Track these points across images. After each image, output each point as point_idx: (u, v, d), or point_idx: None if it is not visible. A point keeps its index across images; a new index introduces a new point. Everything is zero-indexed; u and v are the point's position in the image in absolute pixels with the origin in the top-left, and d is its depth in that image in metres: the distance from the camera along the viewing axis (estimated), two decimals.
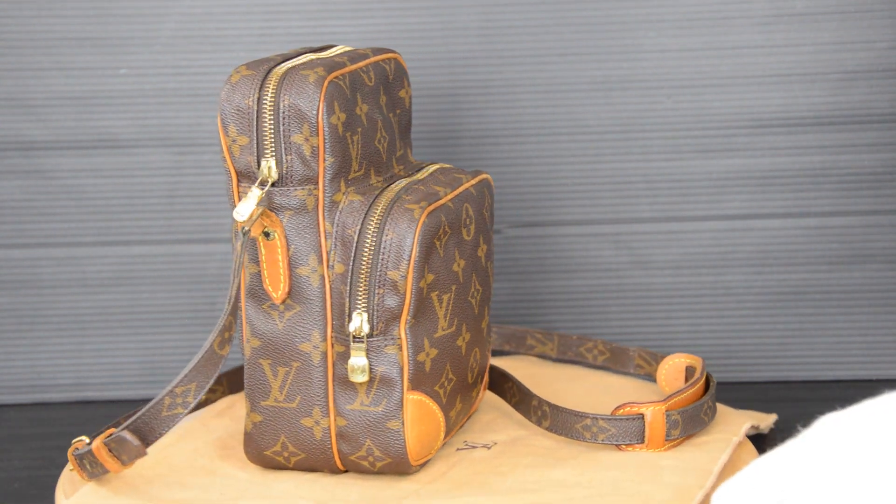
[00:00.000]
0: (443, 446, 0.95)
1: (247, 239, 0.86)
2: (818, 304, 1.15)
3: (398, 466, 0.89)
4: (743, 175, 1.14)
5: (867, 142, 1.13)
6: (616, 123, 1.14)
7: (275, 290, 0.88)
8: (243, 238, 0.86)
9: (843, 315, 1.15)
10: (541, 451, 0.94)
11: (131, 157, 1.15)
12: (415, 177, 0.93)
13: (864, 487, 0.68)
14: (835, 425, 0.72)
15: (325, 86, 0.86)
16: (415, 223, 0.87)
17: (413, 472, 0.91)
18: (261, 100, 0.86)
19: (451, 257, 0.90)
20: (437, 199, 0.89)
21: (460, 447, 0.96)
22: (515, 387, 1.00)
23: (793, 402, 1.11)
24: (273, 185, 0.87)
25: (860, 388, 1.14)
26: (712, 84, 1.13)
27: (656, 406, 0.93)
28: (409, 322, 0.87)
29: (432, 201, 0.89)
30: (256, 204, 0.86)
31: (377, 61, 0.93)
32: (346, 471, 0.91)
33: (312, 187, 0.87)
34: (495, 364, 1.05)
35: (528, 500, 0.86)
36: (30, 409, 1.16)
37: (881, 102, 1.13)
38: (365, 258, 0.87)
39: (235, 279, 0.85)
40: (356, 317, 0.87)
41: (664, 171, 1.14)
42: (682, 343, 1.16)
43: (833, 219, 1.14)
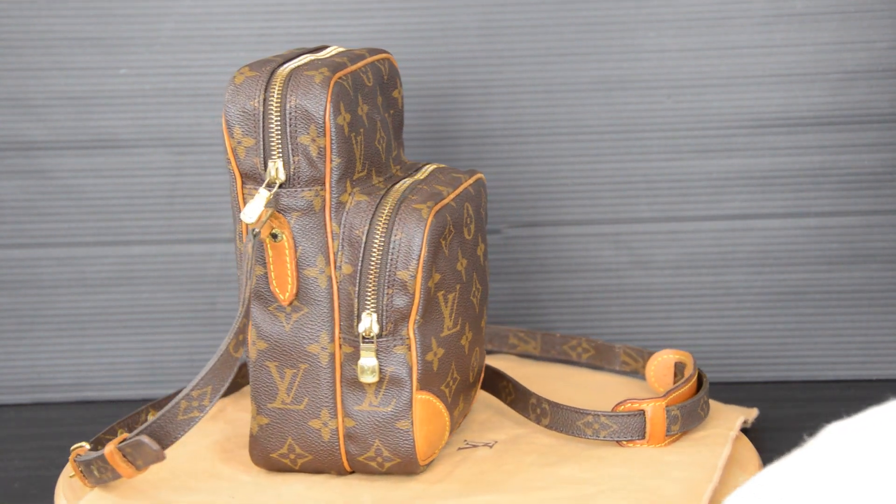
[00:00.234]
0: (444, 446, 0.95)
1: (257, 241, 0.86)
2: (818, 304, 1.15)
3: (407, 466, 0.89)
4: (743, 175, 1.14)
5: (867, 142, 1.13)
6: (616, 123, 1.14)
7: (282, 291, 0.88)
8: (254, 240, 0.85)
9: (843, 315, 1.15)
10: (542, 449, 0.95)
11: (131, 157, 1.15)
12: (416, 177, 0.93)
13: (872, 497, 0.68)
14: (841, 434, 0.72)
15: (331, 86, 0.86)
16: (423, 223, 0.87)
17: (420, 472, 0.91)
18: (267, 101, 0.86)
19: (455, 257, 0.90)
20: (441, 198, 0.89)
21: (461, 446, 0.96)
22: (511, 385, 1.00)
23: (793, 402, 1.11)
24: (280, 186, 0.87)
25: (860, 388, 1.14)
26: (712, 84, 1.13)
27: (657, 402, 0.93)
28: (417, 322, 0.87)
29: (438, 201, 0.89)
30: (265, 205, 0.85)
31: (373, 62, 0.93)
32: (353, 472, 0.91)
33: (319, 188, 0.87)
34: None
35: (540, 498, 0.86)
36: (30, 409, 1.16)
37: (881, 102, 1.13)
38: (374, 259, 0.87)
39: (248, 281, 0.85)
40: (365, 317, 0.87)
41: (664, 171, 1.14)
42: (682, 343, 1.16)
43: (833, 219, 1.14)
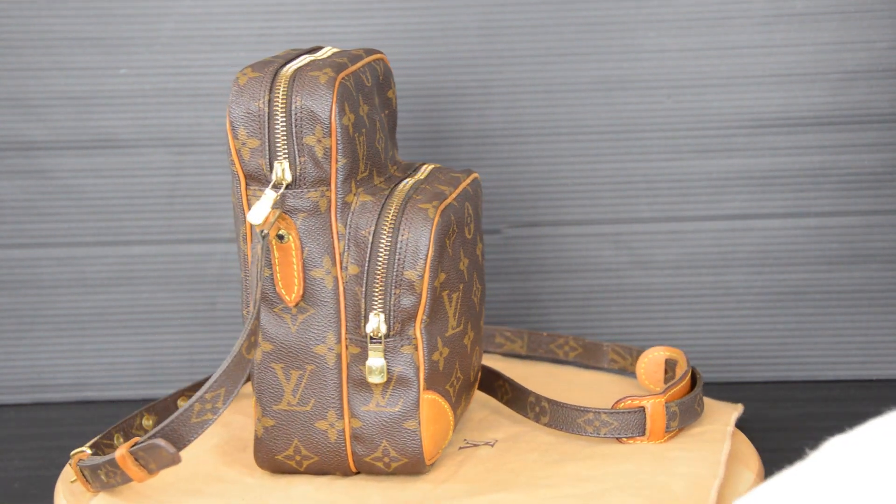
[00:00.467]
0: (447, 445, 0.95)
1: (265, 242, 0.85)
2: (818, 304, 1.15)
3: (413, 467, 0.89)
4: (743, 175, 1.14)
5: (867, 142, 1.13)
6: (616, 123, 1.14)
7: (288, 293, 0.88)
8: (262, 241, 0.85)
9: (843, 315, 1.15)
10: (543, 447, 0.95)
11: (131, 157, 1.15)
12: (417, 177, 0.93)
13: None
14: (842, 447, 0.72)
15: (336, 87, 0.86)
16: (429, 222, 0.87)
17: (425, 472, 0.91)
18: (272, 101, 0.86)
19: (458, 256, 0.90)
20: (445, 198, 0.89)
21: (462, 446, 0.96)
22: (507, 384, 1.00)
23: (793, 402, 1.11)
24: (287, 187, 0.87)
25: (860, 388, 1.14)
26: (712, 84, 1.13)
27: (656, 399, 0.94)
28: (424, 321, 0.87)
29: (442, 200, 0.89)
30: (272, 206, 0.85)
31: (370, 62, 0.93)
32: (358, 472, 0.91)
33: (325, 189, 0.87)
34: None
35: (548, 496, 0.86)
36: (30, 409, 1.16)
37: (881, 102, 1.13)
38: (381, 259, 0.87)
39: (260, 282, 0.84)
40: (373, 318, 0.87)
41: (664, 171, 1.14)
42: (682, 343, 1.16)
43: (833, 219, 1.14)
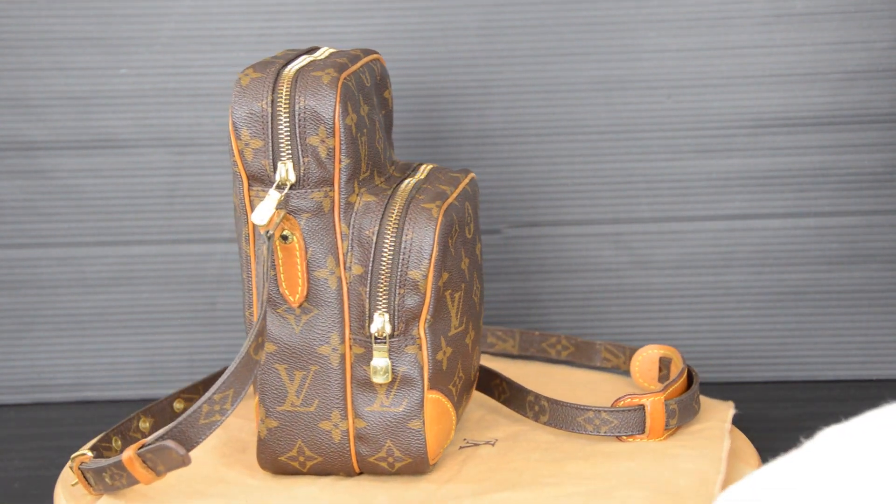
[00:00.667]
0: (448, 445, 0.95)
1: (271, 243, 0.85)
2: (818, 304, 1.15)
3: (417, 466, 0.89)
4: (743, 175, 1.14)
5: (867, 142, 1.13)
6: (616, 123, 1.14)
7: (292, 293, 0.87)
8: (268, 242, 0.85)
9: (843, 315, 1.15)
10: (544, 446, 0.95)
11: (131, 157, 1.15)
12: (417, 177, 0.93)
13: (867, 500, 0.68)
14: (837, 438, 0.72)
15: (339, 87, 0.86)
16: (433, 222, 0.87)
17: (428, 472, 0.91)
18: (275, 102, 0.86)
19: (459, 256, 0.90)
20: (446, 197, 0.89)
21: (462, 445, 0.96)
22: (505, 383, 1.00)
23: (793, 402, 1.11)
24: (291, 187, 0.86)
25: (860, 388, 1.14)
26: (712, 84, 1.13)
27: (656, 396, 0.94)
28: (428, 321, 0.87)
29: (444, 200, 0.89)
30: (276, 207, 0.85)
31: (368, 62, 0.93)
32: (361, 473, 0.91)
33: (328, 189, 0.87)
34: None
35: (555, 494, 0.86)
36: (30, 409, 1.16)
37: (881, 102, 1.13)
38: (385, 259, 0.87)
39: (266, 283, 0.84)
40: (378, 318, 0.87)
41: (664, 171, 1.14)
42: (682, 343, 1.16)
43: (833, 219, 1.14)
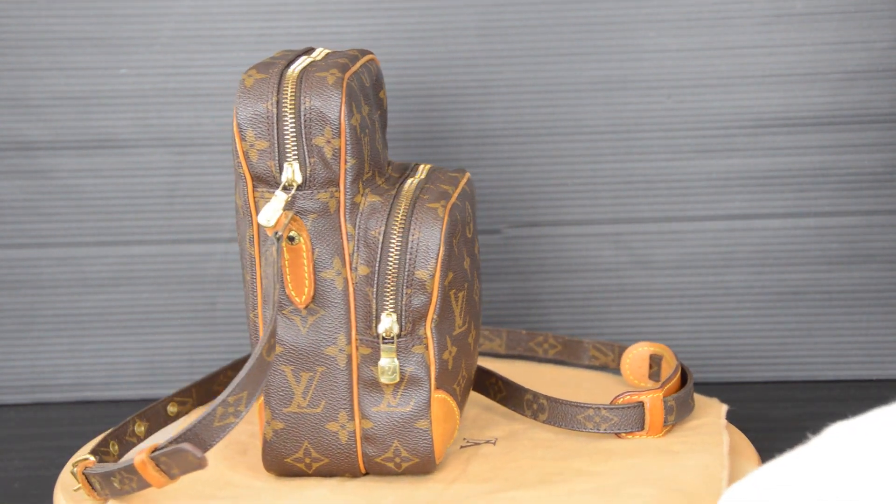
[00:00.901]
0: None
1: (280, 244, 0.84)
2: (818, 304, 1.15)
3: (424, 466, 0.89)
4: (743, 175, 1.14)
5: (867, 142, 1.13)
6: (616, 123, 1.14)
7: (298, 295, 0.87)
8: (277, 243, 0.84)
9: (843, 315, 1.15)
10: (545, 444, 0.94)
11: (131, 157, 1.15)
12: (418, 177, 0.93)
13: (873, 497, 0.68)
14: (845, 433, 0.72)
15: (344, 87, 0.86)
16: (440, 221, 0.87)
17: (434, 472, 0.91)
18: (280, 103, 0.86)
19: (462, 255, 0.90)
20: (449, 197, 0.89)
21: (463, 444, 0.95)
22: (501, 382, 1.00)
23: (793, 402, 1.11)
24: (297, 188, 0.86)
25: (860, 388, 1.14)
26: (712, 84, 1.13)
27: (654, 393, 0.94)
28: (434, 321, 0.87)
29: (448, 199, 0.89)
30: (283, 208, 0.85)
31: (366, 62, 0.92)
32: (366, 474, 0.90)
33: (334, 190, 0.87)
34: None
35: (565, 490, 0.86)
36: (30, 409, 1.16)
37: (881, 102, 1.13)
38: (392, 259, 0.87)
39: (277, 284, 0.83)
40: (385, 318, 0.87)
41: (664, 171, 1.14)
42: (682, 343, 1.16)
43: (833, 219, 1.14)
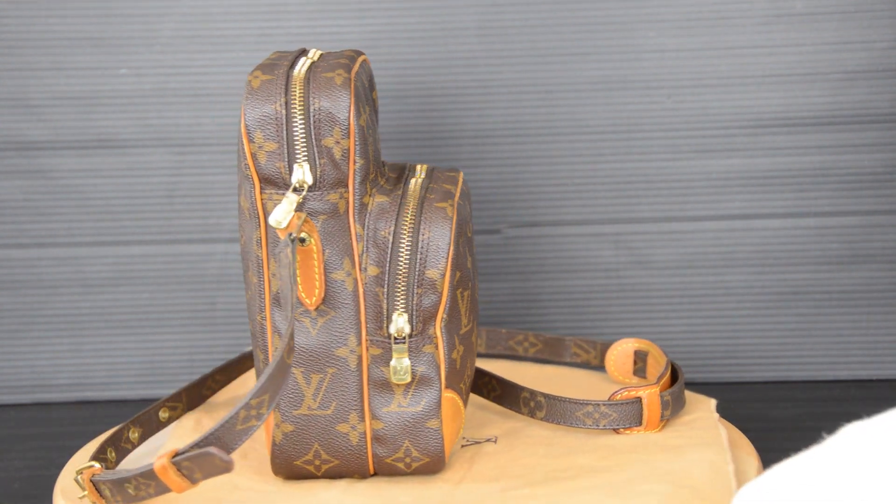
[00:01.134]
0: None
1: (294, 246, 0.84)
2: (818, 304, 1.15)
3: (433, 466, 0.89)
4: (743, 175, 1.14)
5: (867, 142, 1.13)
6: (616, 123, 1.14)
7: (308, 296, 0.86)
8: (291, 245, 0.83)
9: (843, 315, 1.15)
10: (545, 441, 0.95)
11: (131, 157, 1.15)
12: (418, 176, 0.93)
13: (888, 498, 0.67)
14: (860, 433, 0.71)
15: (352, 87, 0.86)
16: (449, 221, 0.87)
17: (441, 471, 0.90)
18: (289, 104, 0.85)
19: (466, 254, 0.90)
20: (453, 196, 0.90)
21: (464, 443, 0.95)
22: (495, 381, 1.00)
23: (793, 402, 1.11)
24: (308, 189, 0.86)
25: (860, 388, 1.14)
26: (712, 84, 1.13)
27: (651, 389, 0.94)
28: (444, 320, 0.87)
29: (453, 199, 0.89)
30: (295, 209, 0.84)
31: (361, 63, 0.92)
32: (374, 474, 0.90)
33: (343, 190, 0.86)
34: None
35: (576, 487, 0.86)
36: (30, 409, 1.16)
37: (881, 102, 1.13)
38: (402, 259, 0.87)
39: (294, 286, 0.83)
40: (397, 318, 0.86)
41: (664, 171, 1.14)
42: (682, 343, 1.16)
43: (833, 219, 1.14)
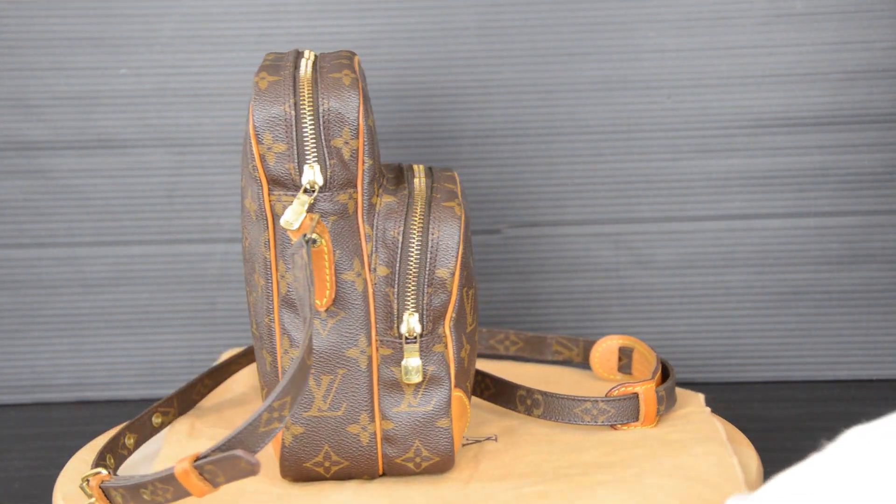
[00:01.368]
0: None
1: (309, 247, 0.83)
2: (818, 304, 1.15)
3: (442, 465, 0.88)
4: (743, 175, 1.14)
5: (867, 142, 1.13)
6: (616, 123, 1.14)
7: (319, 297, 0.86)
8: (306, 246, 0.83)
9: (843, 315, 1.15)
10: (546, 438, 0.94)
11: (131, 157, 1.15)
12: (419, 176, 0.93)
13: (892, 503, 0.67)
14: (861, 439, 0.71)
15: (360, 88, 0.86)
16: (458, 220, 0.87)
17: (449, 470, 0.90)
18: (298, 105, 0.85)
19: (469, 253, 0.90)
20: (457, 196, 0.90)
21: (464, 442, 0.95)
22: (489, 380, 0.99)
23: (793, 402, 1.11)
24: (318, 190, 0.86)
25: (860, 388, 1.14)
26: (712, 84, 1.13)
27: (647, 384, 0.94)
28: (453, 319, 0.87)
29: (457, 198, 0.89)
30: (306, 211, 0.84)
31: (359, 63, 0.92)
32: (383, 475, 0.89)
33: (352, 191, 0.86)
34: None
35: (588, 483, 0.86)
36: (30, 409, 1.16)
37: (881, 102, 1.13)
38: (412, 259, 0.87)
39: (311, 288, 0.82)
40: (408, 318, 0.86)
41: (664, 171, 1.14)
42: (682, 343, 1.16)
43: (833, 219, 1.14)
